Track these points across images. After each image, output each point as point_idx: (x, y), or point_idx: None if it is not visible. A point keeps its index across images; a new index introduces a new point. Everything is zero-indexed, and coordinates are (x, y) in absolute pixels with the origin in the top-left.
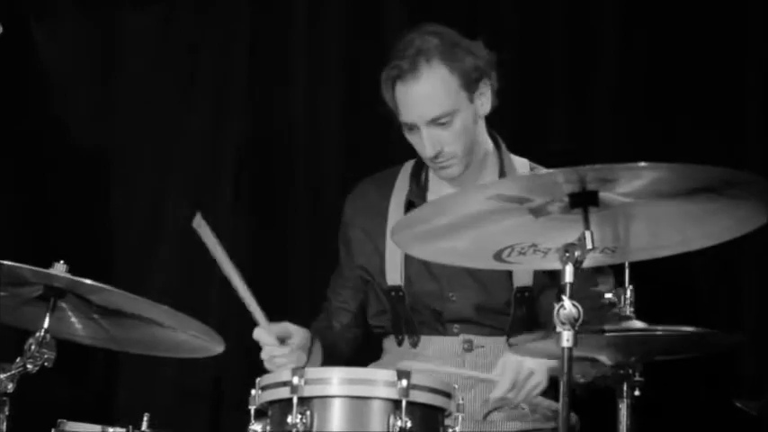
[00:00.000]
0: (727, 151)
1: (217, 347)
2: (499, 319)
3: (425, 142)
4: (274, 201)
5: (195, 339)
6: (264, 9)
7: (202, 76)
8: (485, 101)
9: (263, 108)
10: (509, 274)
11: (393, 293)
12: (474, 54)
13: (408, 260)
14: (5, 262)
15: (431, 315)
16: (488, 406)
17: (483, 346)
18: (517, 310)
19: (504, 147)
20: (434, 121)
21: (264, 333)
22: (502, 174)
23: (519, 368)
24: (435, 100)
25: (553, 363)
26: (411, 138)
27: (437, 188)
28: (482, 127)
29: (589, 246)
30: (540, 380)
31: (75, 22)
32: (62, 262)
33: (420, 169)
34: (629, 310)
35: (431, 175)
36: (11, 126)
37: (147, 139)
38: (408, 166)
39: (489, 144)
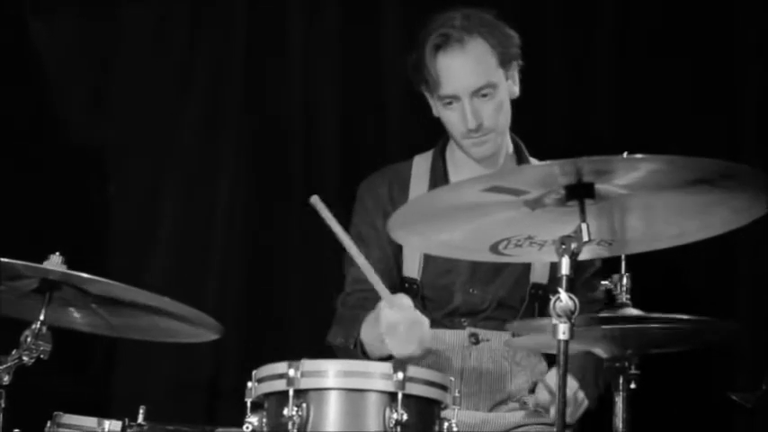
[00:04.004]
0: (724, 143)
1: (214, 334)
2: (510, 314)
3: (468, 113)
4: (272, 199)
5: (192, 327)
6: (261, 5)
7: (199, 71)
8: (514, 82)
9: (259, 104)
10: (528, 270)
11: (407, 285)
12: (506, 32)
13: (428, 254)
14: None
15: (445, 310)
16: (492, 399)
17: (488, 340)
18: (529, 306)
19: (524, 149)
20: (478, 92)
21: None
22: None
23: (574, 397)
24: (480, 70)
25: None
26: (448, 113)
27: (458, 179)
28: (510, 114)
29: (585, 238)
30: (588, 404)
31: (72, 17)
32: (58, 253)
33: (438, 161)
34: (625, 298)
35: (449, 167)
36: (7, 119)
37: (143, 133)
38: (421, 160)
39: (510, 145)
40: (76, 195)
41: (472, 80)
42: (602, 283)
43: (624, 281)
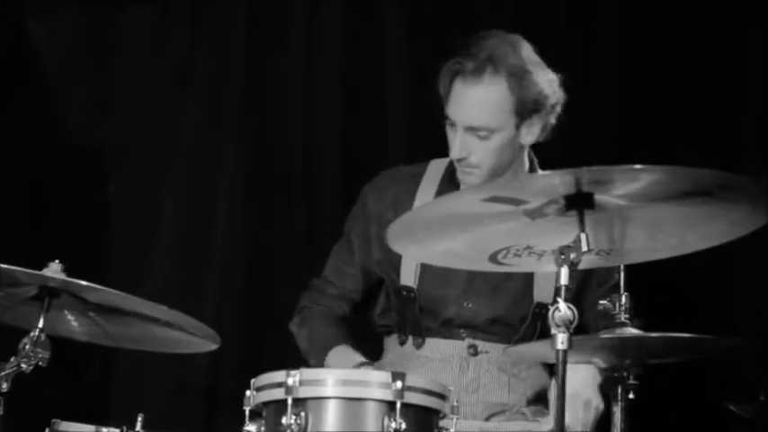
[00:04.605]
0: (723, 154)
1: (212, 344)
2: (509, 331)
3: (456, 143)
4: (272, 199)
5: (191, 336)
6: (261, 5)
7: (199, 71)
8: (531, 132)
9: (259, 104)
10: (530, 289)
11: (404, 293)
12: (542, 87)
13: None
14: None
15: (440, 320)
16: (490, 410)
17: (488, 352)
18: (531, 325)
19: (536, 164)
20: (473, 130)
21: None
22: None
23: (575, 402)
24: (484, 111)
25: (598, 378)
26: (448, 132)
27: None
28: (520, 155)
29: (584, 248)
30: (597, 403)
31: (72, 17)
32: (57, 261)
33: (452, 171)
34: (623, 317)
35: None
36: (7, 119)
37: (143, 133)
38: (436, 165)
39: (527, 162)
40: (76, 196)
41: (471, 117)
42: (601, 302)
43: (623, 300)
